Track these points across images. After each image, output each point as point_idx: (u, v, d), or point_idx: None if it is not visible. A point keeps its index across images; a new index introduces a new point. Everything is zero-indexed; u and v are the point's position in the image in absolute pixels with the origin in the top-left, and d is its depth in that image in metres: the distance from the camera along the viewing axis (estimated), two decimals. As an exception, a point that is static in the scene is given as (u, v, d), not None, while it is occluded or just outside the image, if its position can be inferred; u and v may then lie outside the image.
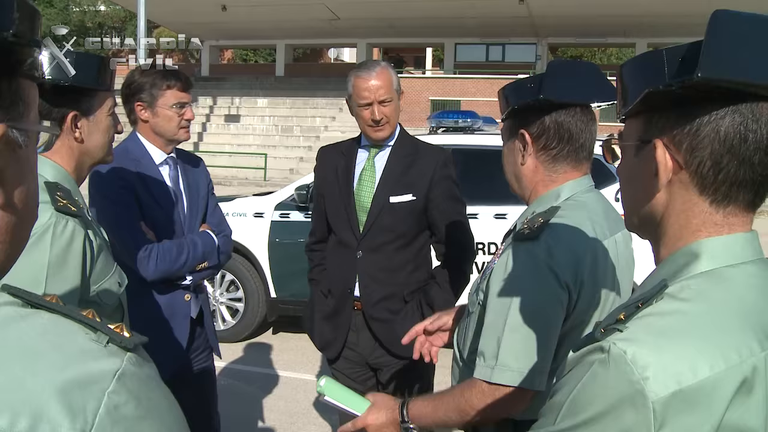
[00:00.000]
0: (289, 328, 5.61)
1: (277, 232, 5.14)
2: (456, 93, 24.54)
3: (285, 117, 24.46)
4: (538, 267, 1.29)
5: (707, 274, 0.77)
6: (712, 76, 0.72)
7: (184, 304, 2.26)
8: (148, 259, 2.07)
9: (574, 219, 1.36)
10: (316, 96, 25.52)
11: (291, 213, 5.13)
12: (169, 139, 2.21)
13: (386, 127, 2.27)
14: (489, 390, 1.30)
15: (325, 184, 2.42)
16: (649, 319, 0.75)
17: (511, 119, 1.46)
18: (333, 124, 23.46)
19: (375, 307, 2.31)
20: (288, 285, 5.16)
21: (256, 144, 22.85)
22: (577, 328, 1.34)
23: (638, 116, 0.84)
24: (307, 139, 23.04)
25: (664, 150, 0.80)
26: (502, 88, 1.49)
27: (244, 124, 24.16)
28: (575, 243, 1.32)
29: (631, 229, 0.91)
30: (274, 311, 5.26)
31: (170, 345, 2.22)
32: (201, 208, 2.32)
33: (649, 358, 0.70)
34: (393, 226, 2.28)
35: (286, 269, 5.11)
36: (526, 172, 1.45)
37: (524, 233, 1.34)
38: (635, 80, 0.83)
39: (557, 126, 1.39)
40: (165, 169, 2.25)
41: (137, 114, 2.19)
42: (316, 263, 2.50)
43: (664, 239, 0.84)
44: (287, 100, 25.34)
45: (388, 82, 2.23)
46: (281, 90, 26.43)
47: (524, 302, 1.29)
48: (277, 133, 23.70)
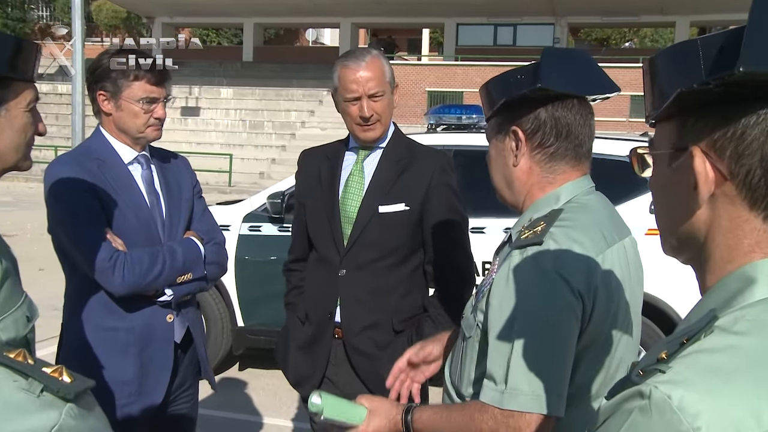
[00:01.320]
0: (260, 364, 5.59)
1: (245, 249, 5.14)
2: (458, 84, 24.69)
3: (254, 110, 24.49)
4: (545, 274, 1.32)
5: (765, 302, 0.76)
6: (756, 69, 0.72)
7: (165, 327, 2.25)
8: (113, 270, 2.07)
9: (579, 222, 1.40)
10: (291, 86, 25.58)
11: (262, 226, 5.14)
12: (134, 137, 2.23)
13: (377, 126, 2.30)
14: (502, 417, 1.32)
15: (307, 192, 2.45)
16: (697, 357, 0.73)
17: (499, 116, 1.50)
18: (311, 119, 23.52)
19: (359, 336, 2.32)
20: (258, 311, 5.16)
21: (219, 143, 22.84)
22: (595, 343, 1.38)
23: (671, 119, 0.85)
24: (280, 137, 23.06)
25: (704, 158, 0.80)
26: (485, 84, 1.53)
27: (204, 119, 24.17)
28: (584, 247, 1.36)
29: (669, 252, 0.91)
30: (241, 343, 5.26)
31: (147, 383, 2.21)
32: (184, 213, 2.34)
33: (701, 404, 0.68)
34: (382, 240, 2.30)
35: (256, 293, 5.11)
36: (519, 175, 1.49)
37: (526, 239, 1.38)
38: (666, 77, 0.83)
39: (555, 120, 1.44)
40: (136, 169, 2.26)
41: (99, 105, 2.21)
42: (294, 285, 2.53)
43: (709, 263, 0.83)
44: (256, 90, 25.37)
45: (379, 73, 2.26)
46: (249, 78, 26.47)
47: (533, 316, 1.32)
48: (245, 129, 23.72)
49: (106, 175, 2.16)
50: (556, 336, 1.32)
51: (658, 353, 0.76)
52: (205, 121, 24.13)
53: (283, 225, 5.00)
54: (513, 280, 1.34)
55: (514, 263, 1.36)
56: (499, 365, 1.33)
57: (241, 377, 5.44)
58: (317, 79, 25.35)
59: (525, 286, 1.33)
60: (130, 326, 2.18)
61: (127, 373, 2.17)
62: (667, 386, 0.70)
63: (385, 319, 2.32)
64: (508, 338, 1.32)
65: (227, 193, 18.66)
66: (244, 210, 5.25)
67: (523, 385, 1.30)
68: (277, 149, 22.38)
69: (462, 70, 25.35)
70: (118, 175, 2.20)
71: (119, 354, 2.16)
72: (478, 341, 1.43)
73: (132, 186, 2.22)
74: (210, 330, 5.20)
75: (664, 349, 0.76)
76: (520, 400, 1.30)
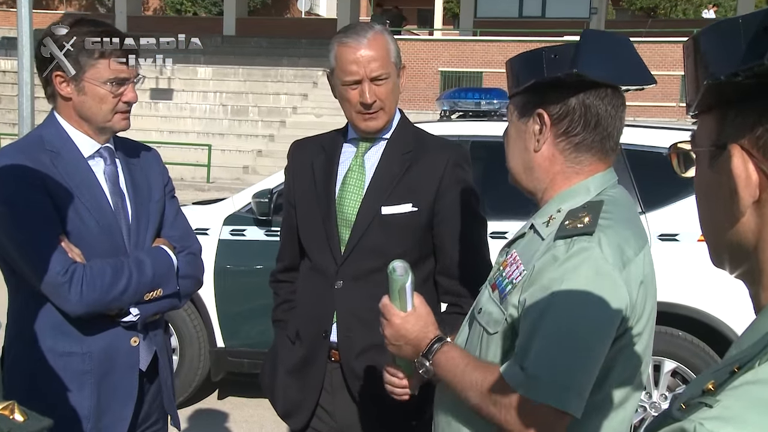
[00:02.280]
0: (243, 391, 5.61)
1: (226, 256, 5.16)
2: (476, 63, 24.69)
3: (237, 94, 24.53)
4: (599, 270, 1.44)
5: None
6: None
7: (129, 351, 2.24)
8: (69, 286, 2.04)
9: (620, 216, 1.52)
10: (280, 64, 25.61)
11: (246, 229, 5.16)
12: (100, 127, 2.22)
13: (380, 115, 2.31)
14: (517, 398, 1.45)
15: (298, 191, 2.46)
16: (750, 389, 0.72)
17: (525, 95, 1.62)
18: (304, 104, 23.55)
19: (359, 359, 2.33)
20: (241, 330, 5.18)
21: (196, 131, 22.87)
22: (625, 349, 1.50)
23: (711, 112, 0.85)
24: (267, 126, 23.10)
25: (745, 158, 0.80)
26: (513, 58, 1.66)
27: (178, 103, 24.20)
28: (629, 243, 1.49)
29: (717, 264, 0.92)
30: (220, 367, 5.28)
31: (106, 418, 2.19)
32: (153, 217, 2.33)
33: None
34: (385, 246, 2.29)
35: (238, 308, 5.13)
36: (540, 161, 1.61)
37: (572, 228, 1.48)
38: (705, 61, 0.84)
39: (584, 109, 1.55)
40: (98, 164, 2.24)
41: (55, 88, 2.17)
42: (283, 299, 2.54)
43: (763, 279, 0.83)
44: (240, 69, 25.42)
45: (383, 53, 2.28)
46: (231, 55, 26.51)
47: (579, 310, 1.43)
48: (226, 116, 23.75)
49: (61, 171, 2.13)
50: (595, 335, 1.44)
51: (703, 384, 0.76)
52: (179, 105, 24.17)
53: (270, 228, 5.02)
54: (561, 271, 1.45)
55: (562, 254, 1.47)
56: (530, 348, 1.45)
57: (220, 408, 5.45)
58: (311, 56, 25.33)
59: (576, 279, 1.44)
60: (87, 351, 2.16)
61: (83, 407, 2.14)
62: (714, 423, 0.70)
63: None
64: (546, 325, 1.44)
65: (205, 190, 18.69)
66: (225, 211, 5.27)
67: (545, 375, 1.42)
68: (263, 139, 22.41)
69: (481, 46, 25.34)
70: (76, 171, 2.17)
71: (74, 384, 2.14)
72: (505, 336, 1.56)
73: (93, 184, 2.19)
74: (184, 352, 5.22)
75: (711, 379, 0.76)
76: (539, 389, 1.42)
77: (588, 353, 1.44)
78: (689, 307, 4.33)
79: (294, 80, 24.61)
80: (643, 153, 4.54)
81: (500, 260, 1.71)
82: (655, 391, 4.48)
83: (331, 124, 3.70)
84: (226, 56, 26.35)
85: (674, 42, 22.09)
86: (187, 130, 22.98)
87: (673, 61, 22.37)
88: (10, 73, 23.70)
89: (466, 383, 1.54)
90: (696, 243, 4.30)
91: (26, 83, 7.04)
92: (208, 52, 26.52)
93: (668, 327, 4.39)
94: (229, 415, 5.30)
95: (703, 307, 4.34)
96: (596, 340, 1.44)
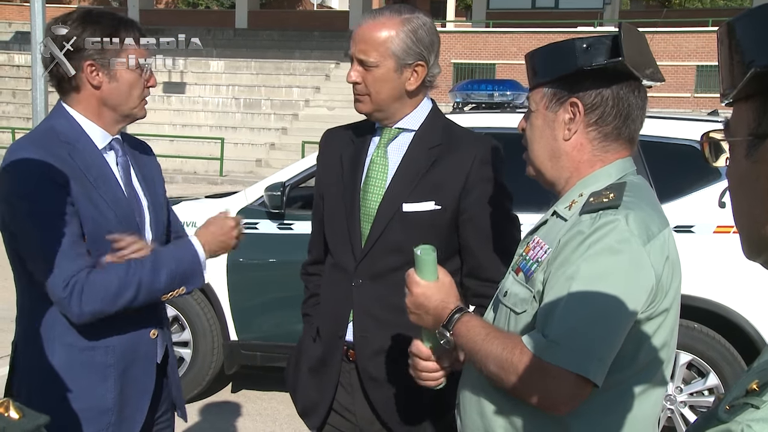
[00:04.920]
0: (256, 385, 5.63)
1: (239, 250, 5.13)
2: (489, 54, 24.63)
3: (249, 87, 24.56)
4: (626, 242, 1.48)
5: None
6: None
7: (149, 344, 2.25)
8: (69, 300, 2.03)
9: (642, 197, 1.58)
10: (292, 57, 25.62)
11: (259, 223, 5.16)
12: (125, 114, 2.21)
13: (365, 100, 2.25)
14: (538, 364, 1.47)
15: (327, 182, 2.42)
16: None
17: (555, 85, 1.66)
18: (317, 96, 23.55)
19: (373, 360, 2.28)
20: (254, 323, 5.18)
21: (209, 124, 22.93)
22: (656, 318, 1.54)
23: (750, 100, 0.83)
24: (280, 119, 23.12)
25: None
26: (538, 50, 1.71)
27: (191, 97, 24.26)
28: (653, 220, 1.54)
29: (751, 257, 0.90)
30: (234, 360, 5.28)
31: (126, 410, 2.20)
32: (164, 208, 2.35)
33: None
34: (405, 244, 2.17)
35: (251, 301, 5.13)
36: (568, 150, 1.66)
37: (598, 203, 1.53)
38: (745, 48, 0.82)
39: (617, 100, 1.62)
40: (110, 157, 2.23)
41: (86, 78, 2.14)
42: (312, 292, 2.51)
43: None
44: (252, 62, 25.45)
45: (379, 40, 2.20)
46: (243, 49, 26.54)
47: (607, 280, 1.46)
48: (239, 109, 23.79)
49: (79, 164, 2.11)
50: (619, 305, 1.46)
51: (747, 383, 0.75)
52: (192, 99, 24.23)
53: (283, 221, 5.02)
54: (588, 244, 1.49)
55: (587, 227, 1.51)
56: (552, 316, 1.48)
57: (233, 400, 5.46)
58: (323, 49, 25.33)
59: (602, 250, 1.48)
60: (110, 345, 2.16)
61: (106, 399, 2.15)
62: (762, 425, 0.69)
63: (406, 342, 2.20)
64: (569, 295, 1.47)
65: (218, 184, 18.74)
66: (237, 204, 5.27)
67: (566, 340, 1.45)
68: (276, 132, 22.44)
69: (494, 38, 25.27)
70: (93, 164, 2.15)
71: (98, 377, 2.14)
72: (534, 313, 1.58)
73: (109, 176, 2.18)
74: (198, 345, 5.24)
75: (755, 379, 0.74)
76: (558, 354, 1.45)
77: (611, 322, 1.47)
78: (705, 299, 4.30)
79: (306, 73, 24.60)
80: (658, 144, 4.51)
81: (521, 250, 1.73)
82: (671, 383, 4.46)
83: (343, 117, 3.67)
84: (239, 49, 26.40)
85: (689, 32, 21.94)
86: (200, 123, 23.03)
87: (688, 52, 22.25)
88: (24, 67, 23.82)
89: (486, 352, 1.55)
90: (711, 235, 4.27)
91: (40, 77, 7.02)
92: (220, 45, 26.57)
93: (683, 319, 4.36)
94: (243, 408, 5.31)
95: (718, 299, 4.31)
96: (620, 310, 1.46)
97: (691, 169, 4.52)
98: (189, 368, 5.28)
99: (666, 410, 4.48)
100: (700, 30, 22.25)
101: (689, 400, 4.50)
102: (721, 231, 4.25)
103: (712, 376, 4.40)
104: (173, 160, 20.37)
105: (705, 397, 4.48)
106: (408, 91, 2.25)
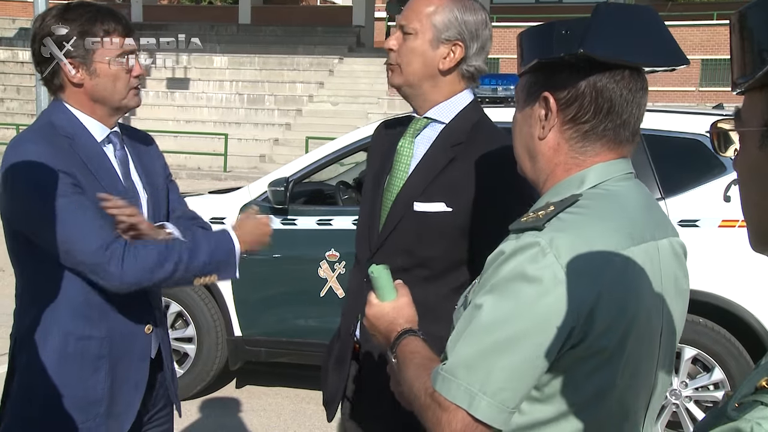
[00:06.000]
0: (260, 380, 5.63)
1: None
2: (493, 49, 24.43)
3: (253, 82, 24.57)
4: (535, 270, 1.28)
5: None
6: None
7: (144, 339, 2.26)
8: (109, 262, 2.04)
9: (598, 212, 1.35)
10: (296, 53, 25.58)
11: (262, 218, 5.16)
12: (116, 107, 2.22)
13: (395, 69, 2.18)
14: (434, 395, 1.34)
15: (366, 172, 2.41)
16: None
17: (531, 76, 1.46)
18: (320, 92, 23.51)
19: (378, 359, 2.23)
20: (258, 319, 5.18)
21: (213, 120, 22.94)
22: (591, 359, 1.33)
23: (764, 89, 0.83)
24: (284, 114, 23.12)
25: None
26: (521, 33, 1.49)
27: (194, 93, 24.27)
28: (595, 242, 1.32)
29: (758, 249, 0.89)
30: (238, 356, 5.29)
31: (117, 404, 2.21)
32: (163, 201, 2.36)
33: None
34: (412, 246, 2.15)
35: (256, 296, 5.13)
36: (543, 150, 1.44)
37: (526, 222, 1.35)
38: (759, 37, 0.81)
39: (595, 93, 1.38)
40: (109, 150, 2.25)
41: (65, 77, 2.17)
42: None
43: None
44: (255, 58, 25.43)
45: (429, 12, 2.12)
46: (247, 44, 26.52)
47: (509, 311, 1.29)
48: (242, 104, 23.79)
49: (81, 156, 2.14)
50: (525, 340, 1.29)
51: (756, 380, 0.74)
52: (196, 95, 24.23)
53: (287, 217, 5.02)
54: (504, 267, 1.31)
55: (509, 248, 1.33)
56: (455, 344, 1.34)
57: (238, 396, 5.47)
58: (327, 44, 25.28)
59: (515, 277, 1.29)
60: (105, 335, 2.17)
61: (96, 390, 2.16)
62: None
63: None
64: (474, 324, 1.32)
65: (222, 179, 18.75)
66: (241, 199, 5.27)
67: (463, 373, 1.30)
68: (280, 128, 22.43)
69: (498, 32, 25.16)
70: (94, 156, 2.17)
71: (90, 368, 2.16)
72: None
73: (109, 169, 2.20)
74: (202, 341, 5.25)
75: (765, 376, 0.74)
76: (451, 387, 1.30)
77: (513, 358, 1.28)
78: (710, 293, 4.29)
79: (310, 68, 24.58)
80: (663, 138, 4.50)
81: None
82: (675, 378, 4.45)
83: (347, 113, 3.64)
84: (242, 45, 26.38)
85: (694, 25, 21.87)
86: (203, 119, 23.05)
87: (693, 45, 22.19)
88: (28, 63, 23.81)
89: (405, 377, 1.46)
90: (717, 229, 4.26)
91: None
92: (224, 41, 26.57)
93: (689, 314, 4.34)
94: (247, 404, 5.32)
95: (724, 294, 4.31)
96: (524, 345, 1.28)
97: (696, 163, 4.51)
98: (193, 364, 5.29)
99: (671, 405, 4.48)
100: (705, 23, 22.20)
101: (694, 395, 4.49)
102: (727, 225, 4.24)
103: (718, 370, 4.39)
104: (177, 156, 20.36)
105: (710, 391, 4.47)
106: (441, 70, 2.15)
